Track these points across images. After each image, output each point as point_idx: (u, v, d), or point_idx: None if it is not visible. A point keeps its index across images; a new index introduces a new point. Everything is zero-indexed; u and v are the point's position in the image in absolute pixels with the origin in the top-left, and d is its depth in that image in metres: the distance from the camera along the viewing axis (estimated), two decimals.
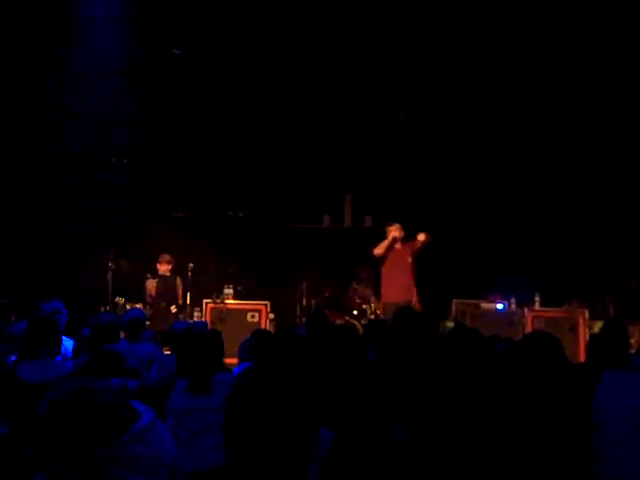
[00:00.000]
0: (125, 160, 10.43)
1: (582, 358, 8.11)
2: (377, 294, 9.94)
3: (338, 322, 8.98)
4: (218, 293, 9.99)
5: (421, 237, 9.29)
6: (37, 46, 10.65)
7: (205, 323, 8.21)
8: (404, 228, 9.52)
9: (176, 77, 11.06)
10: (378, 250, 9.37)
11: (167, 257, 9.73)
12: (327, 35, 10.86)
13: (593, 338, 4.83)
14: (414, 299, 9.23)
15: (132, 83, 11.12)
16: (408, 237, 9.50)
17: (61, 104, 10.98)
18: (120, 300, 9.68)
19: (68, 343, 5.92)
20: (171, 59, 10.91)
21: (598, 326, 8.78)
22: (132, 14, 10.90)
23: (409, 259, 9.39)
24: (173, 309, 9.46)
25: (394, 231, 9.39)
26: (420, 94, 11.32)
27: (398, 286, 9.25)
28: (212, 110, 11.29)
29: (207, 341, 4.80)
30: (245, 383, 3.95)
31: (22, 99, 10.82)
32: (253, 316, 9.60)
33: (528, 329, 9.18)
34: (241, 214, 11.35)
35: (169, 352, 6.44)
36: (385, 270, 9.42)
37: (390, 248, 9.36)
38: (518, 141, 11.18)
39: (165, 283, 9.64)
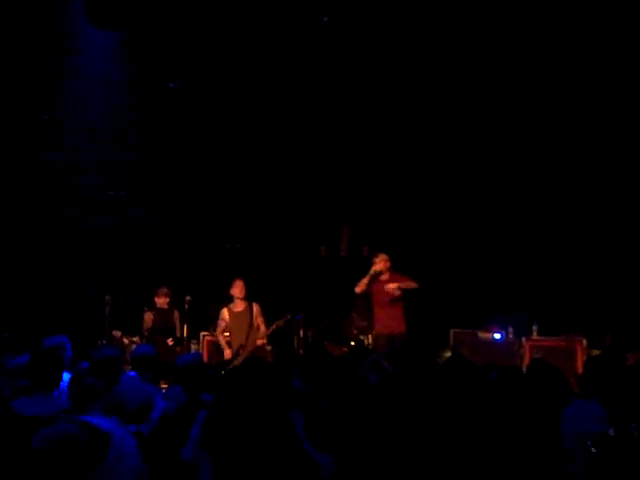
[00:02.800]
0: (122, 193, 10.46)
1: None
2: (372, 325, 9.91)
3: (336, 353, 8.95)
4: (215, 325, 9.97)
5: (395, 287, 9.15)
6: (36, 73, 10.76)
7: (199, 354, 8.20)
8: (402, 257, 9.43)
9: (172, 110, 11.15)
10: (358, 288, 9.09)
11: (165, 290, 9.70)
12: (319, 65, 10.97)
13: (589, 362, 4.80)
14: (404, 330, 9.09)
15: (129, 117, 11.20)
16: (400, 267, 9.42)
17: (58, 136, 11.04)
18: (117, 333, 9.64)
19: (65, 377, 5.87)
20: (167, 92, 11.00)
21: (596, 355, 8.79)
22: (129, 47, 11.03)
23: (397, 291, 9.19)
24: (170, 342, 9.42)
25: (377, 264, 9.09)
26: (416, 124, 11.41)
27: (386, 317, 9.09)
28: (209, 142, 11.35)
29: None
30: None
31: (17, 131, 10.89)
32: None
33: (526, 358, 9.16)
34: (238, 246, 11.36)
35: (166, 386, 6.41)
36: (374, 302, 9.27)
37: (373, 282, 9.11)
38: (514, 172, 11.23)
39: (162, 316, 9.61)
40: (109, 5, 10.29)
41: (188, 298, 9.80)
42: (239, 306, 9.29)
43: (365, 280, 9.03)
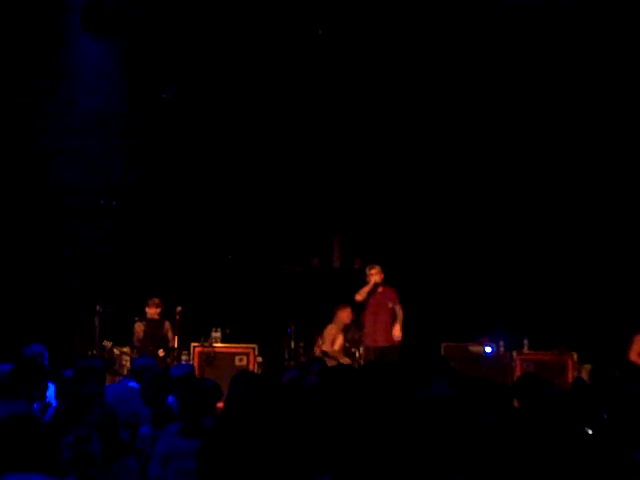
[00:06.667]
0: (114, 202, 10.44)
1: None
2: None
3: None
4: (206, 336, 9.93)
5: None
6: (26, 86, 10.74)
7: (191, 366, 8.18)
8: (394, 269, 9.54)
9: (165, 121, 11.14)
10: (359, 296, 9.33)
11: (156, 300, 9.69)
12: (311, 77, 11.01)
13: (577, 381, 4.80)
14: (395, 343, 9.20)
15: (122, 127, 11.19)
16: (392, 279, 9.50)
17: (48, 145, 11.00)
18: (108, 343, 9.61)
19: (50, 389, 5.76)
20: (161, 103, 11.00)
21: (587, 369, 8.81)
22: (122, 58, 11.04)
23: (389, 304, 9.35)
24: (161, 353, 9.39)
25: (374, 275, 9.35)
26: (408, 137, 11.43)
27: (378, 330, 9.23)
28: (201, 152, 11.34)
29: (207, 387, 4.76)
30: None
31: (9, 139, 10.86)
32: (241, 359, 9.58)
33: (517, 372, 9.17)
34: (230, 257, 11.33)
35: None
36: (366, 314, 9.41)
37: (372, 292, 9.34)
38: (505, 186, 11.27)
39: (153, 326, 9.59)
40: (105, 13, 10.32)
41: (179, 309, 9.78)
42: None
43: (366, 289, 9.29)
